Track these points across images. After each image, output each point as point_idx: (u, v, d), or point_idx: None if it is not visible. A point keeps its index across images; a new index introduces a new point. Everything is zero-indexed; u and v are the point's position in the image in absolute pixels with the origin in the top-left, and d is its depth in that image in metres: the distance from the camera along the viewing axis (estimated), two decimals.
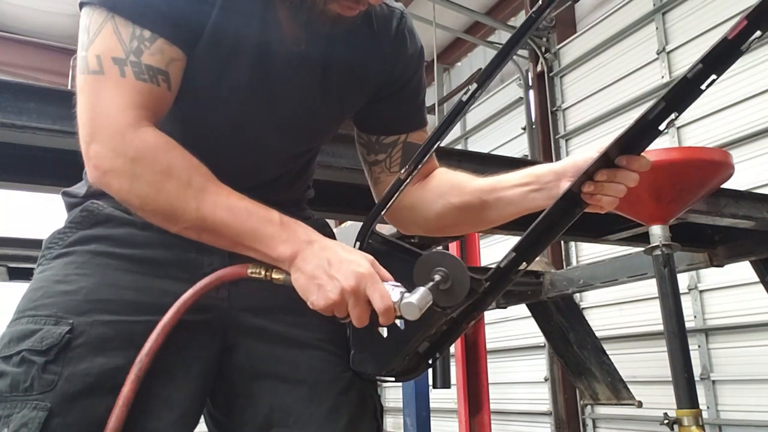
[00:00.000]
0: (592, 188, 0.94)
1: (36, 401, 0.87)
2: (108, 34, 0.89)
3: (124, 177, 0.88)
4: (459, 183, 1.15)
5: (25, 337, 0.91)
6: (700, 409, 2.11)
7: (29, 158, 1.63)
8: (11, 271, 2.84)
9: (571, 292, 3.50)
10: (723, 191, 2.43)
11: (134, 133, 0.88)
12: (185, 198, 0.88)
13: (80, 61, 0.91)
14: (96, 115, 0.88)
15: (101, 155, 0.88)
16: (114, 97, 0.88)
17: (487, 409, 3.99)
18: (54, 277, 0.97)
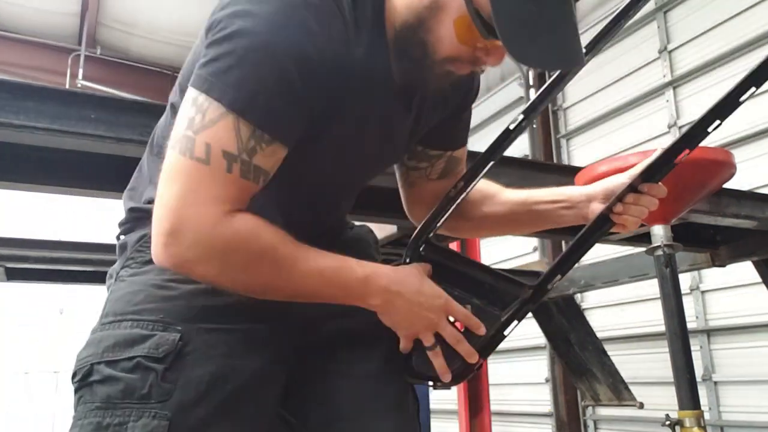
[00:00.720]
0: (620, 209, 1.10)
1: (155, 410, 0.87)
2: (226, 128, 0.86)
3: (212, 266, 0.88)
4: (492, 193, 1.27)
5: (134, 342, 0.90)
6: (702, 410, 2.10)
7: (27, 158, 1.62)
8: (9, 271, 2.83)
9: (572, 293, 3.50)
10: (725, 191, 2.42)
11: (227, 224, 0.87)
12: (279, 277, 0.92)
13: (183, 140, 0.87)
14: (188, 206, 0.86)
15: (187, 247, 0.86)
16: (212, 189, 0.86)
17: (487, 410, 3.98)
18: (152, 281, 0.96)
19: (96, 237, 2.84)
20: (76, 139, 1.43)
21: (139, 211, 1.04)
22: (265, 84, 0.87)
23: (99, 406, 0.88)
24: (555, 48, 0.94)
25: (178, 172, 0.87)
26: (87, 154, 1.57)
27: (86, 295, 6.64)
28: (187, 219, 0.86)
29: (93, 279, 3.00)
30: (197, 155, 0.86)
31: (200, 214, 0.86)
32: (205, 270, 0.89)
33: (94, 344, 0.92)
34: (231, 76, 0.86)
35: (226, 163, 0.87)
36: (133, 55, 7.95)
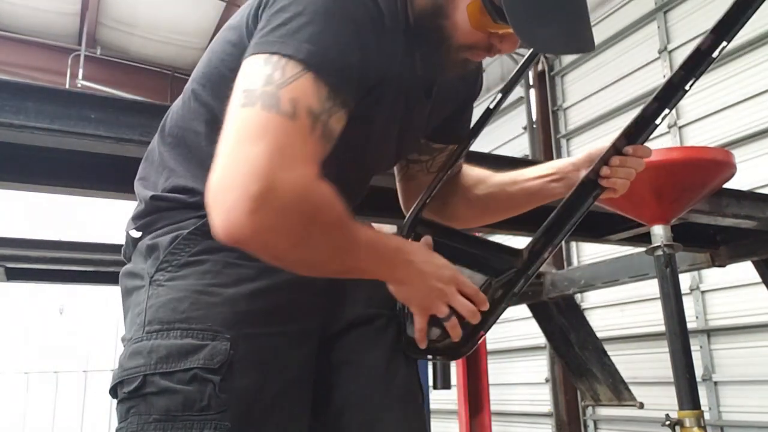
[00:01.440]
0: (607, 172, 1.11)
1: (215, 421, 0.87)
2: (308, 84, 0.82)
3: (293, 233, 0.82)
4: (483, 177, 1.30)
5: (188, 353, 0.89)
6: (701, 410, 2.10)
7: (27, 158, 1.62)
8: (9, 271, 2.83)
9: (572, 293, 3.50)
10: (725, 191, 2.42)
11: (317, 187, 0.81)
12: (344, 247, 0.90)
13: (265, 96, 0.79)
14: (279, 163, 0.77)
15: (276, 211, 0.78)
16: (302, 148, 0.80)
17: (487, 410, 3.98)
18: (194, 286, 0.94)
19: (96, 237, 2.84)
20: (76, 139, 1.43)
21: (161, 200, 1.01)
22: (343, 39, 0.85)
23: (158, 419, 0.87)
24: (564, 33, 0.95)
25: (263, 128, 0.78)
26: (87, 154, 1.57)
27: (86, 296, 6.66)
28: (280, 180, 0.77)
29: (93, 279, 3.00)
30: (284, 109, 0.79)
31: (295, 175, 0.78)
32: (285, 240, 0.82)
33: (143, 354, 0.90)
34: (305, 33, 0.83)
35: (310, 121, 0.81)
36: (132, 55, 7.96)
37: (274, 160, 0.77)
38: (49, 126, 1.40)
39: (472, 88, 1.24)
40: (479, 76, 1.24)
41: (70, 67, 7.54)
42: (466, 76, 1.18)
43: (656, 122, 1.10)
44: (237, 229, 0.77)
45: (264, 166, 0.76)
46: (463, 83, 1.20)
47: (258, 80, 0.81)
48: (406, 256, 0.99)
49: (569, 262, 5.76)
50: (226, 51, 0.98)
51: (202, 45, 7.69)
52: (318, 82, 0.82)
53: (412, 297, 1.03)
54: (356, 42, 0.87)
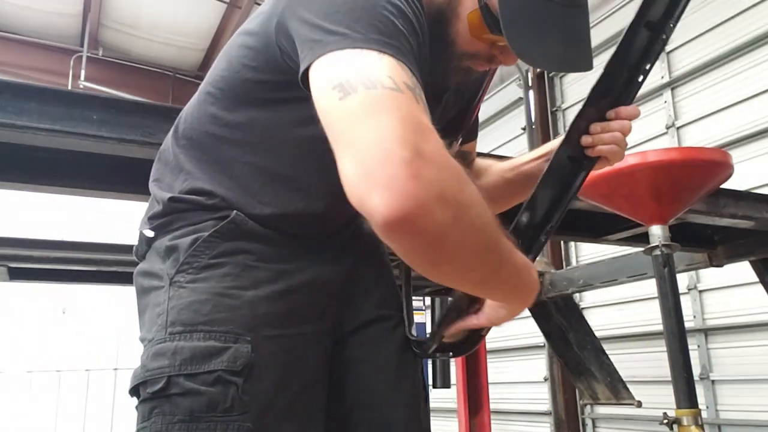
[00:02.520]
0: (590, 140, 1.03)
1: (238, 422, 0.89)
2: (395, 64, 0.78)
3: (450, 207, 0.72)
4: (485, 167, 1.33)
5: (212, 355, 0.91)
6: (699, 408, 2.11)
7: (29, 158, 1.63)
8: (12, 270, 2.84)
9: (570, 292, 3.50)
10: (722, 191, 2.43)
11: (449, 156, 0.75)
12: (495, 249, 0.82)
13: (363, 80, 0.74)
14: (414, 128, 0.72)
15: (431, 176, 0.70)
16: (421, 115, 0.74)
17: (486, 409, 3.99)
18: (215, 289, 0.96)
19: (98, 237, 2.85)
20: (78, 139, 1.44)
21: (180, 201, 1.02)
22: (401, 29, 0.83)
23: (182, 419, 0.89)
24: (561, 50, 0.94)
25: (378, 104, 0.73)
26: (89, 154, 1.58)
27: (89, 295, 6.67)
28: (423, 144, 0.71)
29: (96, 279, 3.01)
30: (389, 85, 0.74)
31: (432, 139, 0.73)
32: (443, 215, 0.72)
33: (167, 355, 0.92)
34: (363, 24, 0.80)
35: (412, 94, 0.76)
36: (134, 56, 7.96)
37: (407, 126, 0.71)
38: (52, 127, 1.40)
39: (477, 89, 1.25)
40: (484, 78, 1.25)
41: (72, 68, 7.55)
42: (473, 83, 1.19)
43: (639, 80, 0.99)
44: (406, 199, 0.69)
45: (402, 132, 0.71)
46: (467, 86, 1.21)
47: (345, 72, 0.76)
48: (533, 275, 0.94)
49: (568, 262, 5.77)
50: (248, 56, 0.97)
51: (203, 46, 7.70)
52: (403, 65, 0.79)
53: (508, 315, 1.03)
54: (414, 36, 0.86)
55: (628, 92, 1.02)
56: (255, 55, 0.97)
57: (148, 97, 7.13)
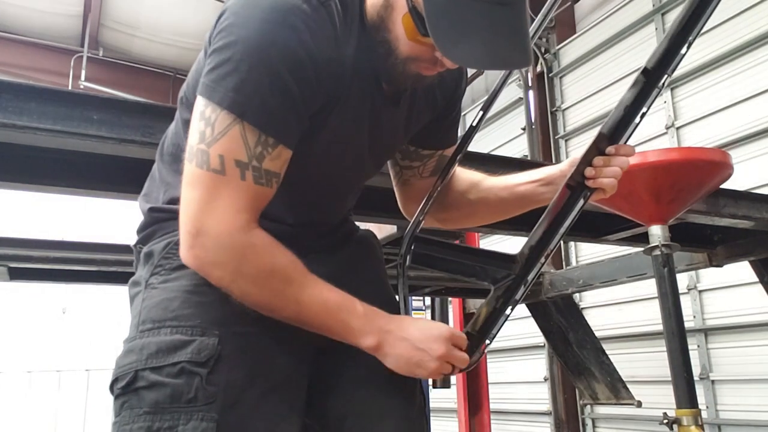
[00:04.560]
0: (592, 172, 1.10)
1: (202, 412, 0.91)
2: (235, 137, 0.91)
3: (227, 272, 0.93)
4: (476, 182, 1.32)
5: (177, 348, 0.93)
6: (699, 408, 2.11)
7: (29, 158, 1.63)
8: (12, 270, 2.85)
9: (570, 292, 3.50)
10: (722, 191, 2.43)
11: (244, 235, 0.93)
12: (285, 296, 0.96)
13: (199, 154, 0.93)
14: (210, 212, 0.92)
15: (207, 249, 0.92)
16: (231, 198, 0.92)
17: (486, 409, 3.99)
18: (185, 287, 0.99)
19: (98, 237, 2.86)
20: (79, 140, 1.44)
21: (160, 211, 1.08)
22: (262, 87, 0.91)
23: (148, 411, 0.91)
24: (490, 48, 0.92)
25: (198, 181, 0.93)
26: (89, 154, 1.58)
27: (89, 295, 6.67)
28: (206, 224, 0.92)
29: (96, 279, 3.01)
30: (213, 167, 0.91)
31: (219, 220, 0.91)
32: (221, 275, 0.94)
33: (136, 351, 0.95)
34: (230, 81, 0.91)
35: (239, 171, 0.92)
36: (135, 56, 7.97)
37: (203, 208, 0.92)
38: (52, 127, 1.40)
39: (453, 94, 1.24)
40: (460, 83, 1.24)
41: (72, 69, 7.55)
42: (444, 83, 1.18)
43: (636, 121, 1.10)
44: (185, 257, 0.95)
45: (196, 210, 0.92)
46: (440, 90, 1.20)
47: (195, 136, 0.94)
48: (381, 323, 1.01)
49: (568, 262, 5.78)
50: (200, 72, 1.01)
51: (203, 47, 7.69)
52: (245, 131, 0.91)
53: (399, 369, 1.03)
54: (279, 85, 0.91)
55: (628, 132, 1.12)
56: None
57: (149, 98, 7.13)
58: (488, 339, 1.09)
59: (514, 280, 1.09)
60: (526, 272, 1.09)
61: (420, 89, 1.14)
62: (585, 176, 1.11)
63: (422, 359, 1.01)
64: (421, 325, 1.03)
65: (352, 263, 1.18)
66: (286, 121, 0.94)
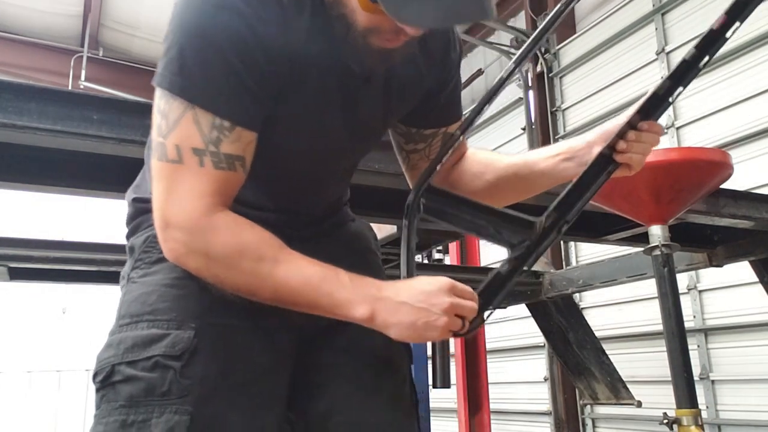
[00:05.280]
0: (624, 146, 1.08)
1: (176, 405, 0.91)
2: (188, 124, 0.91)
3: (201, 260, 0.92)
4: (492, 161, 1.25)
5: (152, 342, 0.94)
6: (699, 408, 2.11)
7: (30, 158, 1.63)
8: (12, 271, 2.85)
9: (570, 292, 3.50)
10: (722, 191, 2.43)
11: (208, 219, 0.91)
12: (259, 275, 0.92)
13: (158, 147, 0.93)
14: (172, 202, 0.92)
15: (177, 240, 0.92)
16: (191, 185, 0.91)
17: (486, 409, 3.99)
18: (163, 281, 1.00)
19: (98, 237, 2.86)
20: (79, 140, 1.44)
21: (142, 201, 1.07)
22: (208, 70, 0.90)
23: (123, 405, 0.92)
24: (440, 3, 0.88)
25: (160, 174, 0.93)
26: (89, 154, 1.58)
27: (89, 295, 6.67)
28: (171, 215, 0.92)
29: (96, 279, 3.01)
30: (171, 157, 0.92)
31: (181, 209, 0.91)
32: (195, 263, 0.93)
33: (114, 346, 0.96)
34: (176, 66, 0.91)
35: (197, 158, 0.91)
36: (135, 56, 7.97)
37: (167, 199, 0.92)
38: (52, 127, 1.40)
39: (442, 65, 1.16)
40: (448, 51, 1.17)
41: (72, 69, 7.55)
42: (428, 53, 1.12)
43: (670, 100, 1.09)
44: (164, 253, 0.95)
45: (161, 203, 0.93)
46: (425, 62, 1.13)
47: (154, 130, 0.94)
48: (371, 291, 0.94)
49: (568, 262, 5.78)
50: None
51: None
52: (198, 117, 0.91)
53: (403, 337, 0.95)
54: (225, 66, 0.90)
55: (661, 110, 1.10)
56: None
57: (149, 97, 7.07)
58: (492, 306, 1.03)
59: (527, 248, 1.03)
60: (540, 241, 1.04)
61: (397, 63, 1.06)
62: (614, 149, 1.09)
63: (428, 319, 0.93)
64: (416, 284, 0.96)
65: (339, 253, 1.09)
66: (240, 102, 0.92)
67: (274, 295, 0.94)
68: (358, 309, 0.94)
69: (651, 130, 1.09)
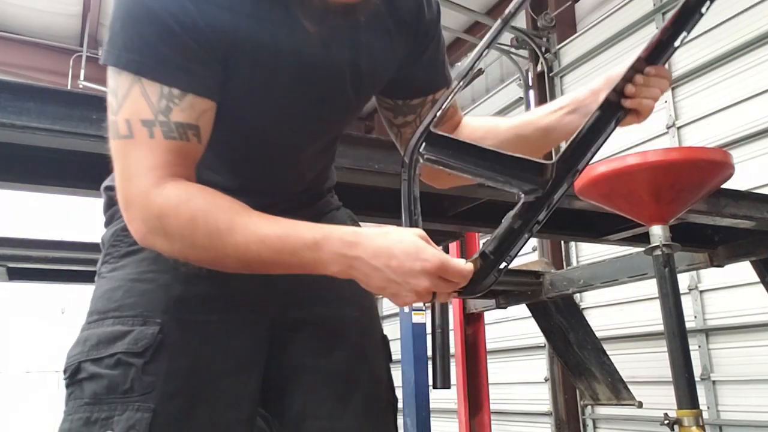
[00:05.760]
0: (633, 90, 1.01)
1: (138, 402, 0.90)
2: (136, 97, 0.88)
3: (161, 237, 0.88)
4: (492, 126, 1.19)
5: (116, 339, 0.93)
6: (700, 409, 2.11)
7: (29, 158, 1.62)
8: (11, 270, 2.84)
9: (571, 293, 3.50)
10: (723, 191, 2.43)
11: (157, 191, 0.87)
12: (218, 244, 0.87)
13: (111, 126, 0.90)
14: (127, 180, 0.89)
15: (136, 219, 0.89)
16: (142, 159, 0.88)
17: (487, 410, 3.99)
18: (130, 275, 0.99)
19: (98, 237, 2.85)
20: (78, 139, 1.44)
21: (112, 189, 1.03)
22: (149, 38, 0.87)
23: (87, 402, 0.92)
24: None
25: (115, 153, 0.90)
26: (89, 154, 1.57)
27: (88, 295, 6.67)
28: (128, 194, 0.89)
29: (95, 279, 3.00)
30: (122, 133, 0.88)
31: (135, 186, 0.88)
32: (159, 243, 0.89)
33: (81, 343, 0.96)
34: (119, 40, 0.88)
35: (147, 130, 0.87)
36: None
37: (122, 177, 0.89)
38: (51, 127, 1.40)
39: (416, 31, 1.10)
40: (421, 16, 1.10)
41: (71, 68, 7.55)
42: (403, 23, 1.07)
43: (675, 45, 1.03)
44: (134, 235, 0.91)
45: (119, 183, 0.90)
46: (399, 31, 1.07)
47: (108, 110, 0.91)
48: (336, 248, 0.87)
49: (568, 262, 5.77)
50: None
51: None
52: (145, 88, 0.88)
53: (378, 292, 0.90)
54: (166, 33, 0.87)
55: (667, 55, 1.05)
56: None
57: None
58: (505, 261, 0.94)
59: (538, 200, 0.95)
60: (550, 193, 0.95)
61: (362, 24, 1.02)
62: (623, 95, 1.02)
63: (398, 292, 0.87)
64: (400, 251, 0.86)
65: None
66: (187, 68, 0.88)
67: (241, 264, 0.89)
68: (330, 268, 0.88)
69: (659, 74, 1.03)
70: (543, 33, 6.33)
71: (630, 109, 1.02)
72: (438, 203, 2.29)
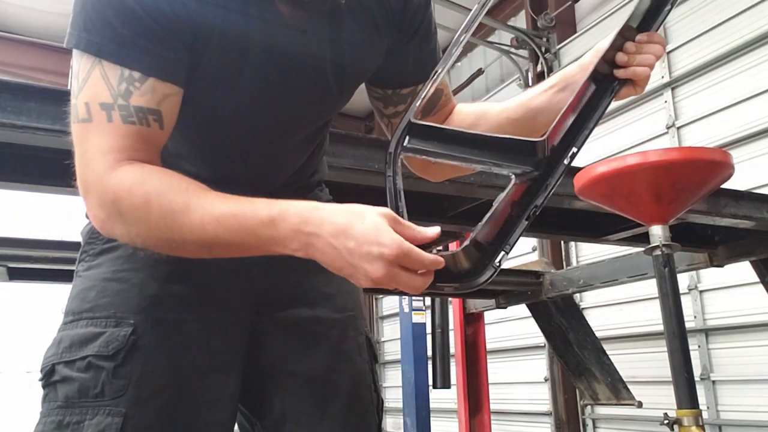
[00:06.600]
0: (625, 59, 0.96)
1: (109, 407, 0.89)
2: (96, 80, 0.86)
3: (118, 222, 0.85)
4: (483, 111, 1.16)
5: (88, 341, 0.92)
6: (700, 409, 2.10)
7: (29, 158, 1.62)
8: (11, 271, 2.84)
9: (571, 292, 3.50)
10: (723, 191, 2.43)
11: (111, 173, 0.84)
12: (174, 225, 0.83)
13: (72, 109, 0.88)
14: (85, 165, 0.86)
15: (94, 206, 0.86)
16: (99, 143, 0.85)
17: (487, 409, 3.99)
18: (104, 274, 0.97)
19: None
20: None
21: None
22: (110, 19, 0.85)
23: (60, 405, 0.91)
24: None
25: (75, 137, 0.88)
26: None
27: None
28: (85, 178, 0.86)
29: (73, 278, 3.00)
30: (81, 116, 0.86)
31: (92, 170, 0.85)
32: (118, 229, 0.86)
33: (56, 344, 0.95)
34: (79, 21, 0.86)
35: (105, 114, 0.85)
36: None
37: (80, 162, 0.87)
38: (51, 126, 1.40)
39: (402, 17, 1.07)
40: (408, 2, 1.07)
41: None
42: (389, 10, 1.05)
43: (667, 8, 0.97)
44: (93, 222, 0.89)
45: (77, 168, 0.87)
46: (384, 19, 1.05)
47: (71, 92, 0.89)
48: (293, 224, 0.82)
49: (568, 262, 5.77)
50: None
51: None
52: (105, 70, 0.86)
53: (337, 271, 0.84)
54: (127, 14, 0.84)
55: (657, 20, 0.99)
56: None
57: None
58: (503, 250, 0.88)
59: (534, 182, 0.90)
60: (547, 174, 0.90)
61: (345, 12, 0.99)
62: (615, 65, 0.97)
63: (353, 275, 0.81)
64: (360, 232, 0.79)
65: None
66: (149, 51, 0.86)
67: (201, 248, 0.85)
68: (289, 246, 0.83)
69: (651, 40, 0.97)
70: (543, 33, 6.33)
71: (625, 81, 0.98)
72: (438, 203, 2.29)
